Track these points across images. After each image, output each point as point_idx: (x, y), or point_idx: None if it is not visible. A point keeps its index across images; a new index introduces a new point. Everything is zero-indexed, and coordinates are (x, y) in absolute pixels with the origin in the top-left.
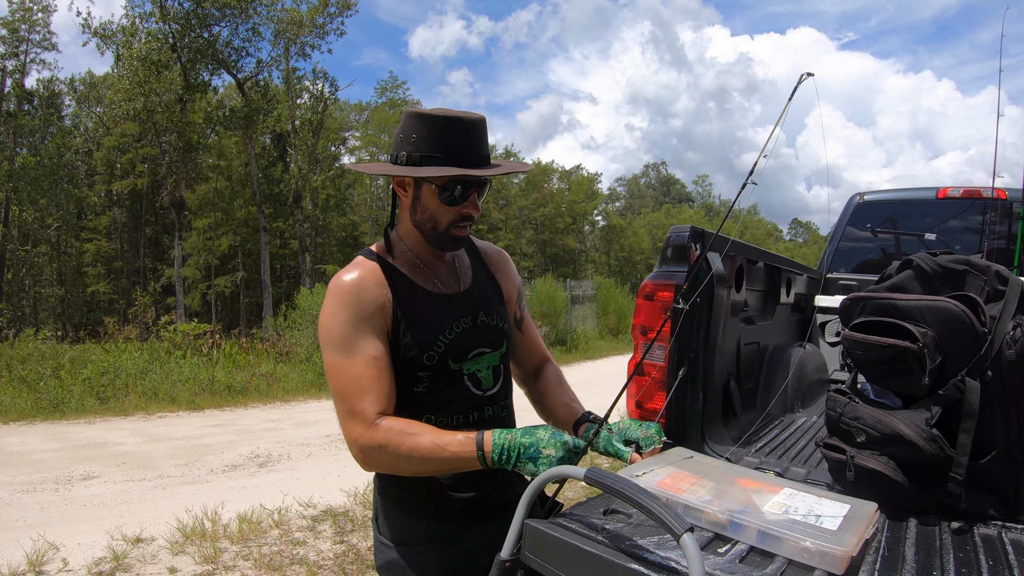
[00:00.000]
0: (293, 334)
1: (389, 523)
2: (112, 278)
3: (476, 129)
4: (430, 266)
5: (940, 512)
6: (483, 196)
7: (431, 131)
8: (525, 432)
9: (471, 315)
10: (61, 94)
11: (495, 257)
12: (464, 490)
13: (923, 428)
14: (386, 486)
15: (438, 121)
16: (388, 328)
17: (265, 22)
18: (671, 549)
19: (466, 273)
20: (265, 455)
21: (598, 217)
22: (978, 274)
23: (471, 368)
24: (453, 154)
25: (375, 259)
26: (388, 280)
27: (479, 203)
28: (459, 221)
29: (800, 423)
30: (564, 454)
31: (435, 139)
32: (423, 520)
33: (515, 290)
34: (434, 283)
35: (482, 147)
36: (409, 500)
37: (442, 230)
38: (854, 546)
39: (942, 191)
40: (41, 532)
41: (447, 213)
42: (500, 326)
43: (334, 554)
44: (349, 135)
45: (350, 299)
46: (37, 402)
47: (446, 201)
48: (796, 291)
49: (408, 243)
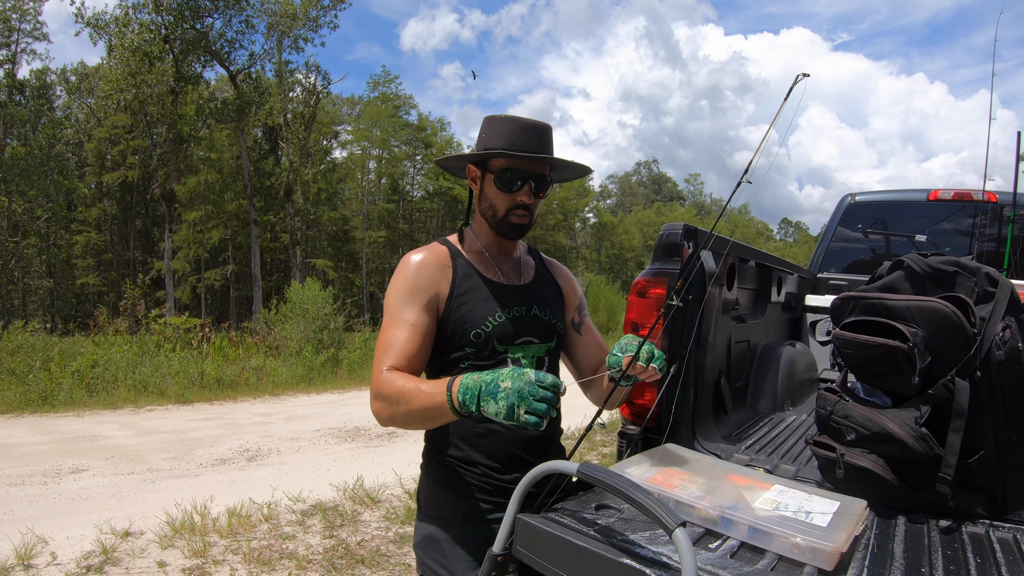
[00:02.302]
0: (284, 328)
1: (428, 499)
2: (102, 270)
3: (538, 128)
4: (496, 259)
5: (929, 510)
6: (544, 191)
7: (496, 127)
8: (490, 371)
9: (525, 305)
10: (53, 85)
11: (560, 269)
12: (503, 472)
13: (912, 427)
14: (428, 463)
15: (505, 119)
16: (441, 304)
17: (258, 14)
18: (663, 544)
19: (528, 272)
20: (254, 449)
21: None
22: (968, 276)
23: (516, 353)
24: (511, 145)
25: (446, 245)
26: (453, 263)
27: (533, 195)
28: (515, 208)
29: (790, 421)
30: (523, 385)
31: (498, 134)
32: (460, 496)
33: (576, 298)
34: (496, 273)
35: (542, 145)
36: (449, 476)
37: (501, 216)
38: (844, 542)
39: (933, 193)
40: (30, 525)
41: (503, 200)
42: (552, 322)
43: (323, 549)
44: (341, 129)
45: (410, 272)
46: (26, 394)
47: (500, 188)
48: (787, 290)
49: (480, 236)
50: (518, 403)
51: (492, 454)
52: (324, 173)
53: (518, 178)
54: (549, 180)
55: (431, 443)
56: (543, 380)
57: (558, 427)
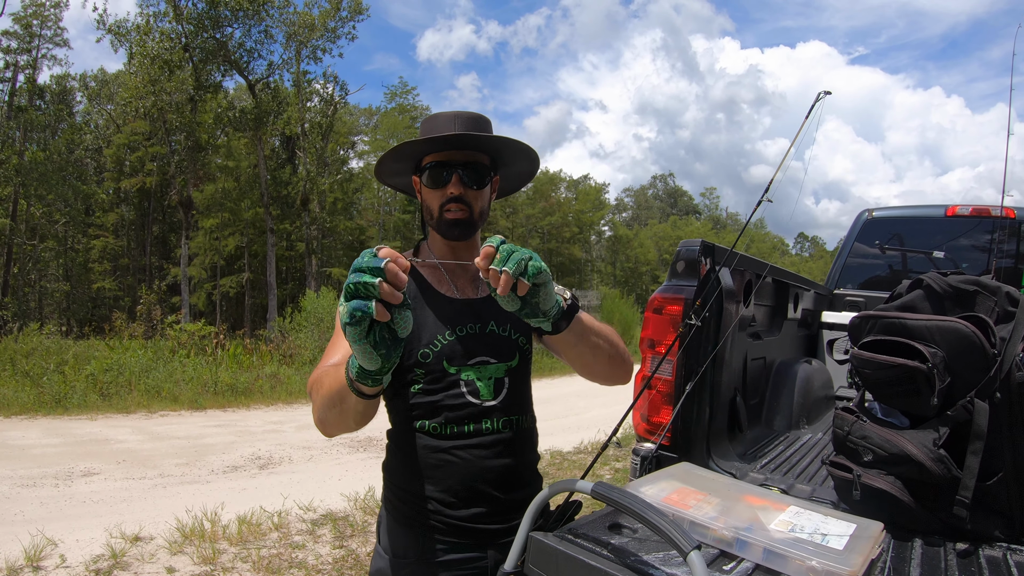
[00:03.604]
0: (298, 336)
1: (385, 532)
2: (118, 275)
3: (461, 116)
4: (451, 272)
5: (945, 533)
6: (481, 182)
7: (423, 126)
8: None
9: (479, 321)
10: (73, 91)
11: None
12: (459, 507)
13: (931, 448)
14: (386, 495)
15: (432, 116)
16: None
17: (277, 25)
18: (676, 565)
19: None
20: (266, 457)
21: (605, 227)
22: (988, 295)
23: (469, 375)
24: (429, 135)
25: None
26: None
27: (465, 186)
28: (446, 203)
29: (805, 440)
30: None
31: (423, 131)
32: (416, 534)
33: None
34: (448, 287)
35: (462, 128)
36: (405, 512)
37: (436, 215)
38: (860, 566)
39: (951, 209)
40: (40, 527)
41: (434, 197)
42: (514, 338)
43: (333, 559)
44: (358, 139)
45: None
46: (39, 397)
47: (429, 184)
48: (803, 307)
49: (434, 249)
50: (347, 299)
51: (448, 487)
52: (341, 183)
53: (443, 169)
54: (487, 169)
55: (388, 473)
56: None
57: (530, 455)
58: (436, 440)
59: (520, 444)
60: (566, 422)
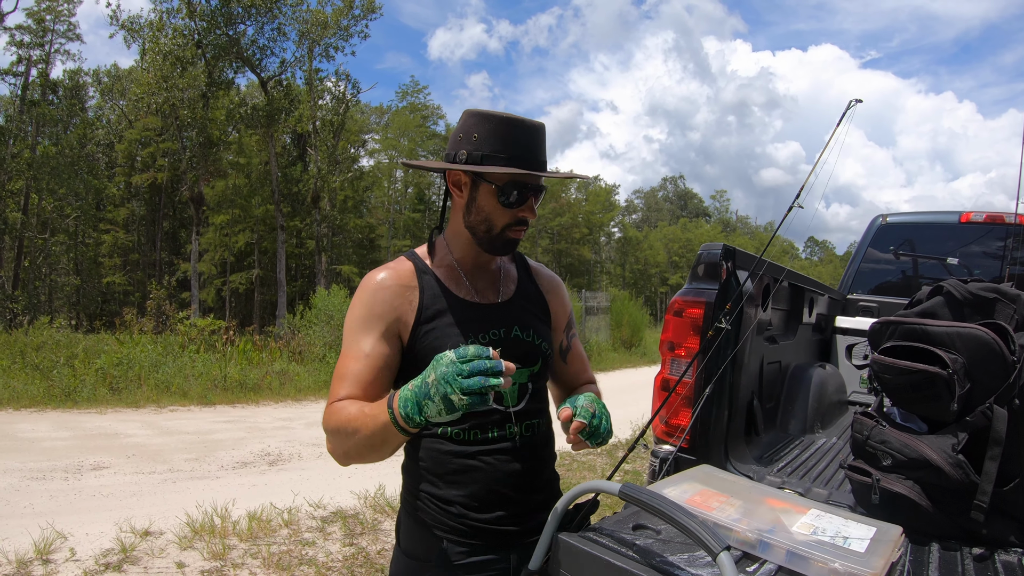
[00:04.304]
0: (308, 333)
1: (405, 534)
2: (128, 270)
3: (538, 133)
4: (470, 274)
5: (962, 538)
6: (539, 201)
7: (494, 131)
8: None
9: (503, 327)
10: (86, 86)
11: (547, 279)
12: (482, 511)
13: (949, 454)
14: (406, 497)
15: (502, 121)
16: (405, 332)
17: (290, 22)
18: (702, 566)
19: (509, 286)
20: (276, 453)
21: (614, 229)
22: (1008, 302)
23: None
24: (515, 155)
25: (413, 259)
26: (420, 282)
27: (535, 208)
28: (515, 224)
29: (820, 444)
30: (444, 370)
31: (498, 139)
32: (434, 536)
33: (565, 317)
34: (469, 291)
35: (542, 152)
36: (425, 513)
37: (497, 232)
38: (881, 569)
39: (965, 215)
40: (49, 520)
41: (504, 215)
42: (537, 343)
43: (343, 556)
44: (369, 138)
45: (368, 297)
46: (49, 390)
47: (504, 203)
48: (818, 311)
49: (453, 247)
50: (449, 391)
51: (472, 492)
52: (351, 181)
53: (523, 192)
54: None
55: (408, 476)
56: (464, 354)
57: (550, 456)
58: (460, 446)
59: (542, 446)
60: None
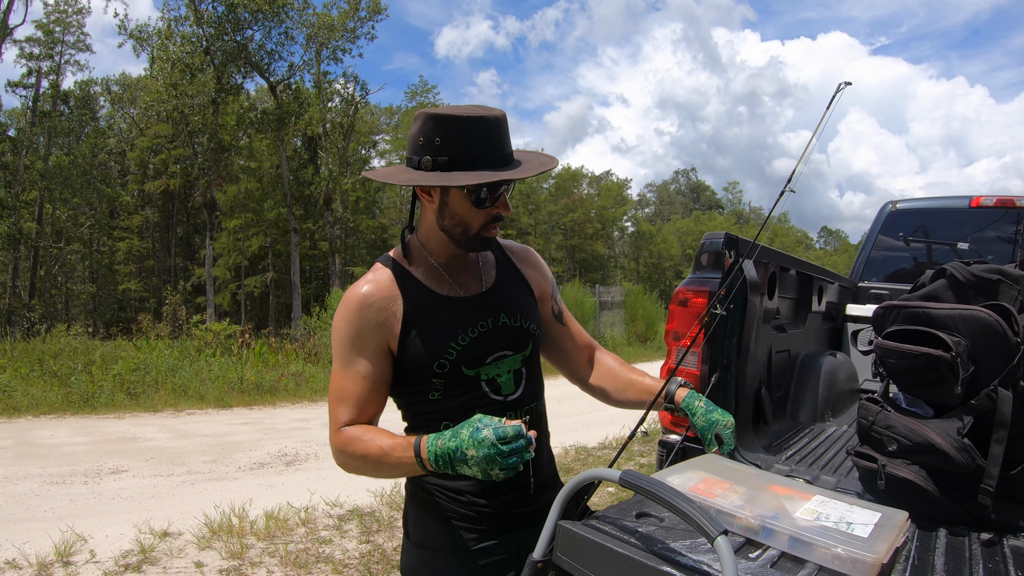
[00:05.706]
0: (323, 335)
1: (415, 525)
2: (143, 276)
3: (500, 127)
4: (449, 269)
5: (970, 522)
6: (510, 192)
7: (457, 134)
8: (452, 435)
9: (491, 317)
10: (96, 95)
11: (521, 253)
12: (490, 496)
13: (955, 438)
14: (414, 490)
15: (462, 123)
16: (393, 343)
17: (297, 26)
18: (704, 552)
19: (490, 272)
20: (292, 454)
21: (627, 223)
22: (1012, 284)
23: (489, 373)
24: (481, 156)
25: (390, 265)
26: (401, 288)
27: (508, 200)
28: (490, 222)
29: (830, 432)
30: (489, 451)
31: (462, 141)
32: (447, 525)
33: (548, 284)
34: (452, 287)
35: (507, 144)
36: (434, 504)
37: (473, 233)
38: (885, 553)
39: (975, 200)
40: (70, 523)
41: (478, 216)
42: (525, 327)
43: (360, 553)
44: (379, 138)
45: (353, 315)
46: (68, 396)
47: (477, 204)
48: (828, 299)
49: (429, 246)
50: (490, 468)
51: (480, 480)
52: (363, 182)
53: (494, 190)
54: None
55: None
56: (504, 436)
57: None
58: None
59: (540, 428)
60: (590, 418)
